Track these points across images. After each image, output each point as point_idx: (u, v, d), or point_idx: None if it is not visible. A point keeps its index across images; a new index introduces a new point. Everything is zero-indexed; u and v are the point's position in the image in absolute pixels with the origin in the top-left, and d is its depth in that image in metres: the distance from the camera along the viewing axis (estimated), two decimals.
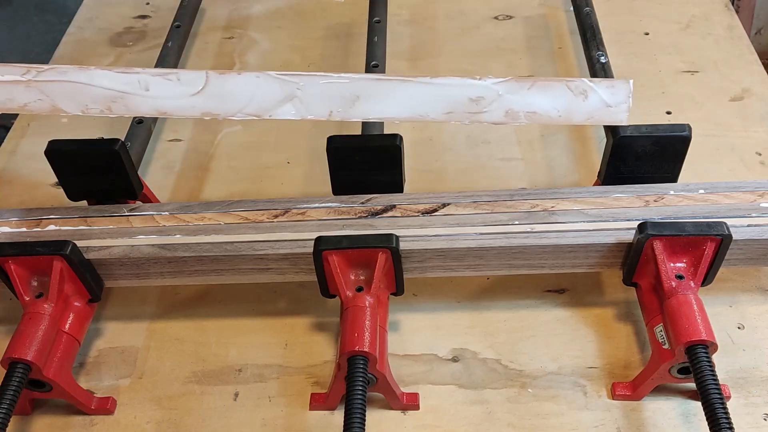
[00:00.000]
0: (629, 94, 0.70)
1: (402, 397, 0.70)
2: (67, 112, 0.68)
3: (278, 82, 0.68)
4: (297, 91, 0.68)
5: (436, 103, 0.70)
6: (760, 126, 0.97)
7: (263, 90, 0.68)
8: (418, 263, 0.71)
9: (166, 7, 1.25)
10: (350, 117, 0.71)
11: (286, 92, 0.69)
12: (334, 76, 0.69)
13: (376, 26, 0.97)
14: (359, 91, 0.69)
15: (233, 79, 0.68)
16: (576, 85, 0.69)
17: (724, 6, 1.17)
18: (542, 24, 1.17)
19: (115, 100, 0.68)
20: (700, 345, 0.62)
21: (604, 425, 0.69)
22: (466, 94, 0.70)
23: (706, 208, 0.71)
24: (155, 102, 0.68)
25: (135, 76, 0.66)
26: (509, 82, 0.69)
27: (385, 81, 0.69)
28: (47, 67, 0.67)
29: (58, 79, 0.67)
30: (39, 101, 0.68)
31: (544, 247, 0.69)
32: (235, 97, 0.68)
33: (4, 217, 0.75)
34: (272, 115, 0.70)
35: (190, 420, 0.72)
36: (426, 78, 0.69)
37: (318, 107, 0.70)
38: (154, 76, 0.67)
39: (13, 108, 0.68)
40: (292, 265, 0.72)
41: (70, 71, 0.67)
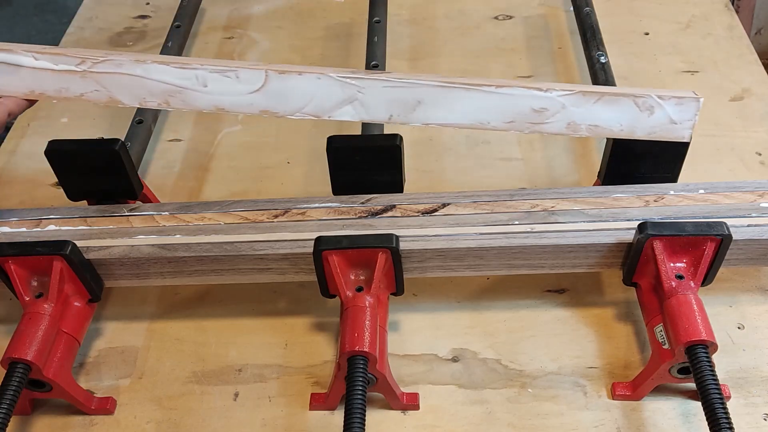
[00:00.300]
0: (697, 111, 0.69)
1: (402, 397, 0.70)
2: (125, 103, 0.68)
3: (339, 84, 0.67)
4: (358, 93, 0.67)
5: (499, 112, 0.69)
6: (760, 126, 0.97)
7: (324, 91, 0.68)
8: (418, 263, 0.71)
9: (166, 7, 1.25)
10: (410, 121, 0.70)
11: (347, 94, 0.68)
12: (396, 80, 0.67)
13: (376, 26, 0.97)
14: (422, 97, 0.68)
15: (293, 78, 0.67)
16: (644, 101, 0.68)
17: (724, 6, 1.17)
18: (542, 24, 1.17)
19: (172, 94, 0.67)
20: (700, 345, 0.62)
21: (604, 425, 0.69)
22: (529, 104, 0.69)
23: (706, 208, 0.71)
24: (213, 98, 0.67)
25: (192, 71, 0.65)
26: (575, 95, 0.68)
27: (448, 87, 0.68)
28: (102, 58, 0.66)
29: (114, 71, 0.66)
30: (96, 92, 0.67)
31: (544, 247, 0.69)
32: (295, 96, 0.67)
33: (4, 217, 0.75)
34: (331, 117, 0.69)
35: (190, 420, 0.72)
36: (491, 87, 0.68)
37: (378, 111, 0.69)
38: (212, 72, 0.66)
39: (69, 97, 0.68)
40: (292, 265, 0.72)
41: (126, 64, 0.66)
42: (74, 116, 1.07)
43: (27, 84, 0.68)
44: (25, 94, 0.68)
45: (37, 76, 0.67)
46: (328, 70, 0.68)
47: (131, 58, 0.66)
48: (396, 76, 0.68)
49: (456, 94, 0.68)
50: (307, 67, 0.68)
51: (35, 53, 0.66)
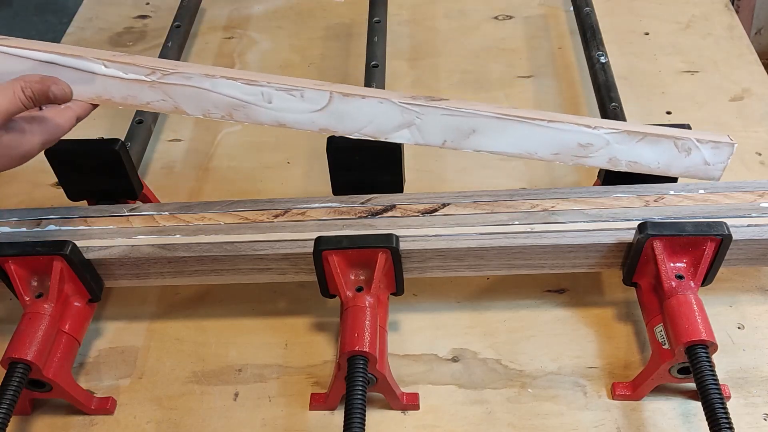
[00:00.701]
0: (731, 155, 0.72)
1: (402, 397, 0.70)
2: (189, 114, 0.69)
3: (400, 110, 0.69)
4: (416, 119, 0.69)
5: (547, 145, 0.71)
6: (760, 126, 0.97)
7: (384, 114, 0.69)
8: (418, 263, 0.71)
9: (166, 7, 1.25)
10: (462, 148, 0.72)
11: (406, 119, 0.69)
12: (455, 108, 0.69)
13: (376, 26, 0.97)
14: (476, 126, 0.70)
15: (356, 101, 0.68)
16: (683, 143, 0.71)
17: (724, 6, 1.17)
18: (542, 24, 1.17)
19: (237, 108, 0.68)
20: (700, 345, 0.62)
21: (604, 425, 0.69)
22: (577, 139, 0.71)
23: (706, 208, 0.71)
24: (276, 114, 0.69)
25: (259, 88, 0.67)
26: (620, 134, 0.71)
27: (503, 119, 0.70)
28: (171, 69, 0.67)
29: (182, 83, 0.67)
30: (162, 101, 0.68)
31: (544, 247, 0.69)
32: (355, 118, 0.69)
33: (4, 217, 0.75)
34: (387, 138, 0.71)
35: (190, 420, 0.72)
36: (543, 120, 0.70)
37: (433, 136, 0.71)
38: (278, 90, 0.67)
39: (135, 105, 0.69)
40: (292, 265, 0.72)
41: (195, 77, 0.67)
42: None
43: (95, 90, 0.68)
44: (91, 99, 0.69)
45: (106, 83, 0.67)
46: (392, 94, 0.70)
47: (201, 72, 0.68)
48: (455, 105, 0.69)
49: (509, 125, 0.70)
50: (370, 90, 0.70)
51: (106, 61, 0.67)
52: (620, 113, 0.82)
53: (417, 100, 0.69)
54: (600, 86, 0.87)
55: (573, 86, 1.05)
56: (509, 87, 1.06)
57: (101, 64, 0.67)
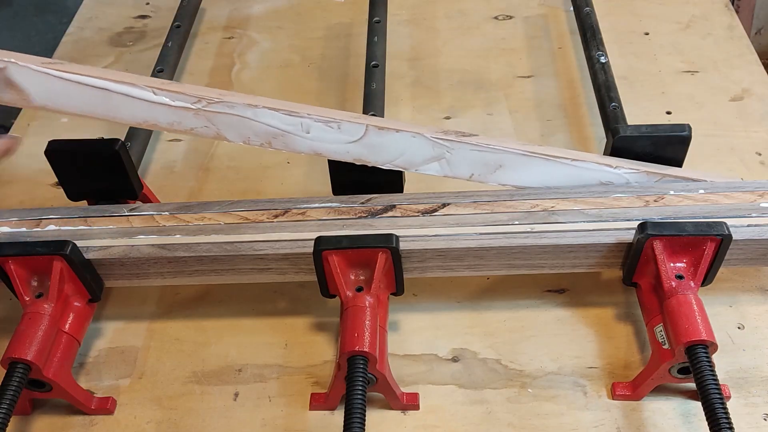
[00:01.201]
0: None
1: (402, 397, 0.70)
2: (230, 140, 0.72)
3: (431, 144, 0.72)
4: (446, 153, 0.72)
5: (569, 181, 0.75)
6: (760, 126, 0.97)
7: (416, 148, 0.72)
8: (418, 263, 0.71)
9: (166, 7, 1.25)
10: (488, 181, 0.75)
11: (437, 153, 0.72)
12: (483, 145, 0.72)
13: (376, 26, 0.97)
14: (503, 161, 0.73)
15: (391, 135, 0.71)
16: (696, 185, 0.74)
17: (724, 6, 1.17)
18: (542, 24, 1.17)
19: (276, 136, 0.71)
20: (700, 345, 0.62)
21: (604, 425, 0.69)
22: (598, 178, 0.74)
23: (706, 208, 0.71)
24: (313, 144, 0.71)
25: (299, 119, 0.69)
26: (640, 174, 0.74)
27: (529, 156, 0.73)
28: (216, 98, 0.69)
29: (226, 112, 0.70)
30: (205, 128, 0.71)
31: (544, 247, 0.69)
32: (388, 150, 0.72)
33: (4, 217, 0.75)
34: (418, 170, 0.74)
35: (190, 420, 0.72)
36: (567, 159, 0.73)
37: (461, 169, 0.74)
38: (317, 121, 0.70)
39: (179, 130, 0.71)
40: (292, 265, 0.72)
41: (238, 106, 0.69)
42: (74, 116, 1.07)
43: (143, 115, 0.71)
44: (138, 123, 0.72)
45: (154, 109, 0.70)
46: (424, 129, 0.72)
47: (244, 101, 0.70)
48: (484, 141, 0.73)
49: (534, 162, 0.73)
50: (404, 124, 0.73)
51: (155, 88, 0.69)
52: (620, 113, 0.82)
53: (448, 135, 0.72)
54: (600, 86, 0.87)
55: (573, 86, 1.05)
56: (509, 87, 1.06)
57: (151, 91, 0.69)
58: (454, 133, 0.72)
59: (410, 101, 1.05)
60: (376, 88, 0.87)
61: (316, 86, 1.09)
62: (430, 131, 0.72)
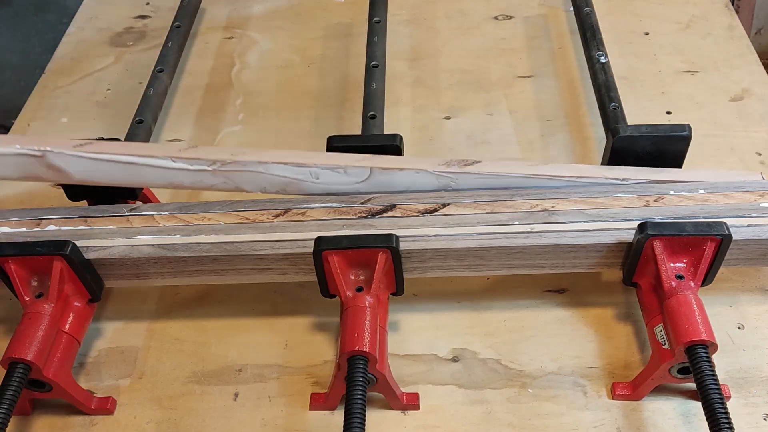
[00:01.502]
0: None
1: (402, 397, 0.70)
2: (248, 191, 0.78)
3: (435, 177, 0.75)
4: (452, 183, 0.76)
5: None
6: (760, 126, 0.97)
7: (421, 182, 0.76)
8: (418, 263, 0.71)
9: (166, 7, 1.25)
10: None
11: (442, 183, 0.76)
12: (487, 173, 0.75)
13: (376, 26, 0.97)
14: (509, 185, 0.76)
15: (395, 174, 0.75)
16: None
17: (724, 6, 1.17)
18: (542, 24, 1.17)
19: (288, 184, 0.77)
20: (700, 345, 0.62)
21: (604, 425, 0.69)
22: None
23: (706, 208, 0.71)
24: (324, 186, 0.76)
25: (307, 168, 0.75)
26: (647, 184, 0.75)
27: (533, 178, 0.75)
28: (230, 159, 0.76)
29: (240, 170, 0.76)
30: (224, 183, 0.78)
31: (544, 247, 0.69)
32: (396, 185, 0.76)
33: (4, 217, 0.75)
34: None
35: (190, 420, 0.72)
36: (572, 177, 0.75)
37: (470, 194, 0.76)
38: (324, 168, 0.75)
39: (203, 187, 0.79)
40: (292, 265, 0.72)
41: (250, 164, 0.76)
42: (74, 116, 1.07)
43: (168, 179, 0.78)
44: (165, 186, 0.79)
45: (177, 174, 0.77)
46: (427, 163, 0.75)
47: (255, 159, 0.76)
48: (487, 169, 0.75)
49: (539, 184, 0.76)
50: (407, 161, 0.76)
51: (173, 157, 0.76)
52: (620, 113, 0.82)
53: (451, 167, 0.75)
54: (600, 86, 0.87)
55: (573, 86, 1.05)
56: (509, 87, 1.06)
57: (170, 160, 0.76)
58: (456, 163, 0.75)
59: (410, 101, 1.05)
60: (376, 88, 0.87)
61: (316, 86, 1.09)
62: (433, 165, 0.75)
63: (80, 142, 0.77)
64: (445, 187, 0.76)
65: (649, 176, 0.75)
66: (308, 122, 1.03)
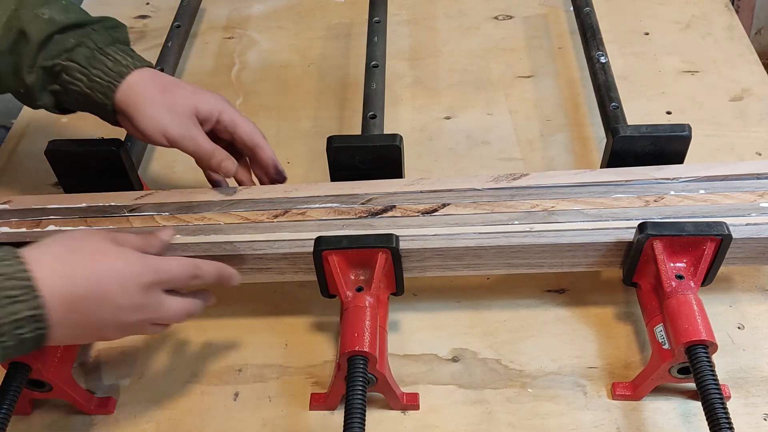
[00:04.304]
0: None
1: (402, 397, 0.70)
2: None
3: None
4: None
5: None
6: (760, 126, 0.97)
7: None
8: (416, 262, 0.71)
9: (166, 7, 1.25)
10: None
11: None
12: (534, 185, 0.74)
13: (376, 26, 0.97)
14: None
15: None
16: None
17: (724, 6, 1.17)
18: (542, 24, 1.17)
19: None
20: (700, 345, 0.62)
21: (604, 425, 0.69)
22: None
23: (706, 208, 0.71)
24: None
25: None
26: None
27: (580, 186, 0.74)
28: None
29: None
30: None
31: (543, 246, 0.69)
32: None
33: (4, 217, 0.75)
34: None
35: (190, 420, 0.72)
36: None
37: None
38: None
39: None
40: (290, 265, 0.71)
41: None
42: (74, 116, 1.06)
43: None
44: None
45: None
46: (476, 182, 0.75)
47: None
48: (536, 182, 0.74)
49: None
50: (456, 182, 0.75)
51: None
52: (620, 113, 0.82)
53: (500, 183, 0.74)
54: (600, 86, 0.87)
55: (573, 86, 1.05)
56: (509, 87, 1.06)
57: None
58: (505, 178, 0.75)
59: (410, 101, 1.05)
60: (376, 88, 0.87)
61: (316, 86, 1.09)
62: (482, 182, 0.74)
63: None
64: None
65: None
66: (308, 122, 1.03)
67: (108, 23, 0.74)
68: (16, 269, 0.52)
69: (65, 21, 0.70)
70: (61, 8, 0.71)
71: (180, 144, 0.72)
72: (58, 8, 0.71)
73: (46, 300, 0.52)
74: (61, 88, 0.72)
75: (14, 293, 0.51)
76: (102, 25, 0.73)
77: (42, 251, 0.55)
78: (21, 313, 0.51)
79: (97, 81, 0.70)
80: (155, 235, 0.65)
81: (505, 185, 0.74)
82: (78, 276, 0.54)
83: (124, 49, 0.73)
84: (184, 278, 0.62)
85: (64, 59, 0.70)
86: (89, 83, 0.70)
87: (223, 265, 0.67)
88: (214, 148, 0.73)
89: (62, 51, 0.70)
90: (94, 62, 0.70)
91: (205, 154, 0.72)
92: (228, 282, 0.68)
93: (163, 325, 0.63)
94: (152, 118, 0.70)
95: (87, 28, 0.72)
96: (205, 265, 0.64)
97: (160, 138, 0.71)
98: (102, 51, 0.71)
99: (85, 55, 0.70)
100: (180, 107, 0.71)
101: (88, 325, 0.56)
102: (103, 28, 0.73)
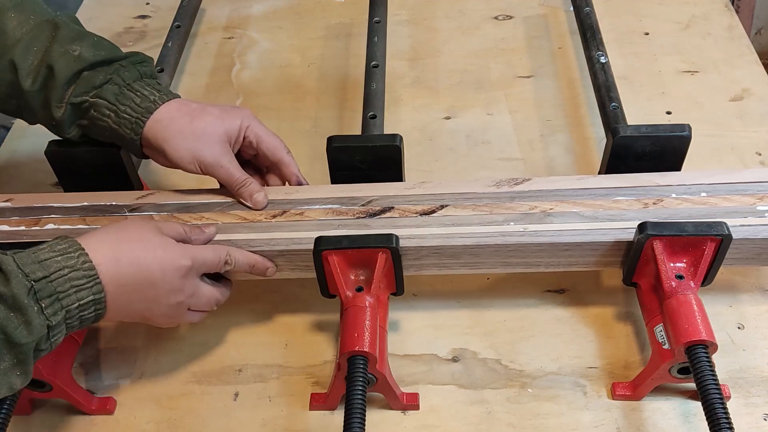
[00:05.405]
0: None
1: (402, 397, 0.70)
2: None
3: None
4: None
5: None
6: (760, 126, 0.97)
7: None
8: (414, 261, 0.71)
9: (166, 7, 1.25)
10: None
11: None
12: (536, 190, 0.74)
13: (376, 26, 0.97)
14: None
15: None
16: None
17: (724, 6, 1.17)
18: (542, 24, 1.17)
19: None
20: (700, 345, 0.62)
21: (604, 425, 0.69)
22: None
23: (705, 210, 0.71)
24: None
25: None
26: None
27: (582, 190, 0.74)
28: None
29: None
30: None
31: (540, 245, 0.69)
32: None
33: (4, 215, 0.75)
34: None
35: (190, 420, 0.72)
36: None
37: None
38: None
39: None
40: (287, 262, 0.71)
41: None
42: None
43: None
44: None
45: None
46: (477, 186, 0.75)
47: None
48: (538, 187, 0.74)
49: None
50: (456, 185, 0.75)
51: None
52: (620, 113, 0.82)
53: (501, 187, 0.75)
54: (600, 86, 0.87)
55: (573, 86, 1.05)
56: (509, 87, 1.06)
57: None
58: (507, 183, 0.75)
59: (410, 101, 1.05)
60: (376, 88, 0.87)
61: (316, 86, 1.09)
62: (483, 186, 0.75)
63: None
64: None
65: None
66: (308, 122, 1.03)
67: (135, 58, 0.75)
68: (82, 260, 0.58)
69: (93, 58, 0.72)
70: (92, 44, 0.73)
71: (212, 173, 0.73)
72: (89, 44, 0.72)
73: (104, 285, 0.59)
74: (89, 122, 0.73)
75: (81, 282, 0.57)
76: (129, 61, 0.74)
77: (98, 239, 0.61)
78: (86, 299, 0.58)
79: (125, 117, 0.72)
80: (200, 229, 0.70)
81: (507, 190, 0.74)
82: (124, 262, 0.60)
83: (152, 83, 0.74)
84: (216, 263, 0.67)
85: (92, 96, 0.72)
86: (117, 119, 0.72)
87: (255, 256, 0.70)
88: (245, 178, 0.74)
89: (91, 88, 0.72)
90: (122, 99, 0.72)
91: (237, 183, 0.74)
92: (263, 274, 0.71)
93: (200, 312, 0.69)
94: (183, 149, 0.72)
95: (115, 65, 0.73)
96: (234, 252, 0.69)
97: (193, 168, 0.73)
98: (130, 87, 0.72)
99: (113, 92, 0.72)
100: (209, 135, 0.72)
101: (135, 305, 0.62)
102: (131, 64, 0.74)
